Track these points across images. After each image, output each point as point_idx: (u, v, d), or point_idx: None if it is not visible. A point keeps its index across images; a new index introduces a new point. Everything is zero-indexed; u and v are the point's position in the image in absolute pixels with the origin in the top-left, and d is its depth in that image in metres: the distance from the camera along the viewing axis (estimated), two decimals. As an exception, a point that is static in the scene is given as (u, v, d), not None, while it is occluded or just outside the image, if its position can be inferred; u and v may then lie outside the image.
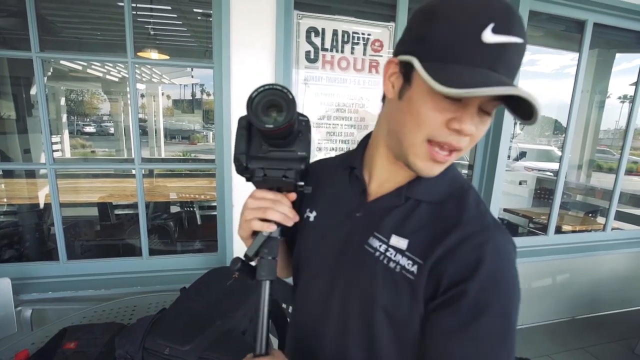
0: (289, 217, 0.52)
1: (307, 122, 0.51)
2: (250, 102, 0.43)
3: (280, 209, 0.51)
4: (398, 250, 0.51)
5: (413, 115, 0.45)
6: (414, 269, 0.49)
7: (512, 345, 0.46)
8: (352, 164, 0.61)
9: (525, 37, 0.40)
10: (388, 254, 0.51)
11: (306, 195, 0.62)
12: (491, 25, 0.38)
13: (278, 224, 0.51)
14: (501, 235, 0.49)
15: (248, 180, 0.52)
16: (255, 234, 0.52)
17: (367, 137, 0.63)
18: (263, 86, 0.43)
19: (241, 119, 0.50)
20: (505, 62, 0.40)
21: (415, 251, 0.50)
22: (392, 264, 0.51)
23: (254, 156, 0.50)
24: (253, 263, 0.54)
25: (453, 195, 0.53)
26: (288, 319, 1.32)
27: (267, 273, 0.51)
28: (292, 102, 0.43)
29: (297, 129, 0.50)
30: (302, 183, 0.52)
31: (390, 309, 0.50)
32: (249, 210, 0.52)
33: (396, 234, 0.52)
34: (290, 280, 0.74)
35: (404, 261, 0.50)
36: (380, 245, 0.53)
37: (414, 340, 0.51)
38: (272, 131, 0.44)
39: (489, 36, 0.38)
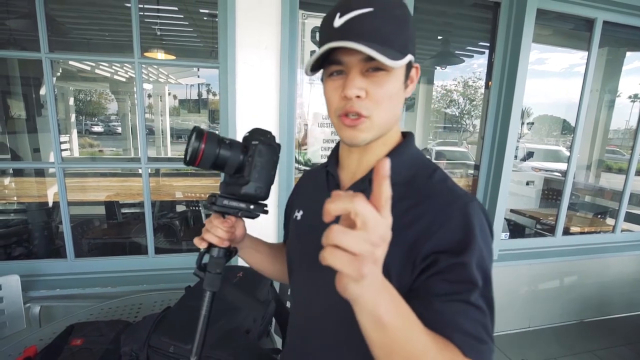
0: (221, 239, 0.60)
1: (260, 143, 0.58)
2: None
3: (213, 232, 0.60)
4: None
5: (326, 99, 0.55)
6: None
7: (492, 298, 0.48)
8: (327, 163, 0.67)
9: (373, 6, 0.48)
10: None
11: (297, 197, 0.73)
12: (338, 14, 0.49)
13: (213, 244, 0.60)
14: (471, 203, 0.51)
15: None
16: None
17: None
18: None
19: None
20: (356, 31, 0.48)
21: None
22: None
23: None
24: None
25: (418, 176, 0.56)
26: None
27: (208, 284, 0.59)
28: (194, 138, 0.54)
29: (235, 157, 0.57)
30: (248, 206, 0.59)
31: None
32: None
33: None
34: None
35: None
36: None
37: None
38: (189, 164, 0.54)
39: (337, 22, 0.49)
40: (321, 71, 0.55)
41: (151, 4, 3.01)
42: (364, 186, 0.57)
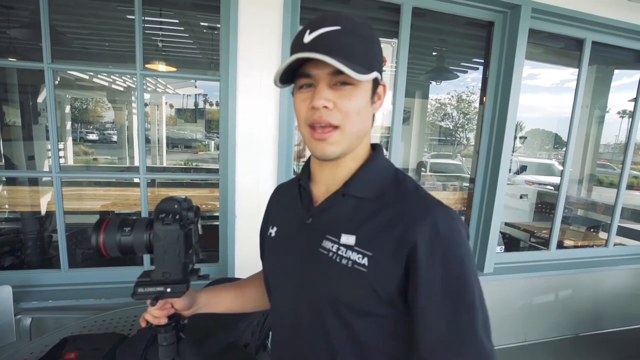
0: (157, 318, 0.64)
1: (157, 224, 0.56)
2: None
3: (149, 312, 0.64)
4: (348, 247, 0.55)
5: (295, 111, 0.57)
6: (364, 261, 0.53)
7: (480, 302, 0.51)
8: (300, 177, 0.67)
9: (340, 24, 0.51)
10: (340, 252, 0.55)
11: (270, 214, 0.74)
12: (307, 31, 0.52)
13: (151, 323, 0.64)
14: (444, 208, 0.54)
15: None
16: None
17: None
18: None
19: None
20: (324, 46, 0.50)
21: (362, 244, 0.54)
22: (344, 261, 0.54)
23: None
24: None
25: (389, 187, 0.58)
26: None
27: (163, 356, 0.65)
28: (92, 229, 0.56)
29: (139, 240, 0.57)
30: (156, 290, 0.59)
31: (351, 305, 0.54)
32: None
33: (345, 232, 0.56)
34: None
35: (354, 256, 0.53)
36: (332, 246, 0.56)
37: (378, 334, 0.55)
38: (102, 256, 0.57)
39: (306, 38, 0.52)
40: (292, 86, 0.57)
41: (153, 17, 3.06)
42: (338, 199, 0.59)
